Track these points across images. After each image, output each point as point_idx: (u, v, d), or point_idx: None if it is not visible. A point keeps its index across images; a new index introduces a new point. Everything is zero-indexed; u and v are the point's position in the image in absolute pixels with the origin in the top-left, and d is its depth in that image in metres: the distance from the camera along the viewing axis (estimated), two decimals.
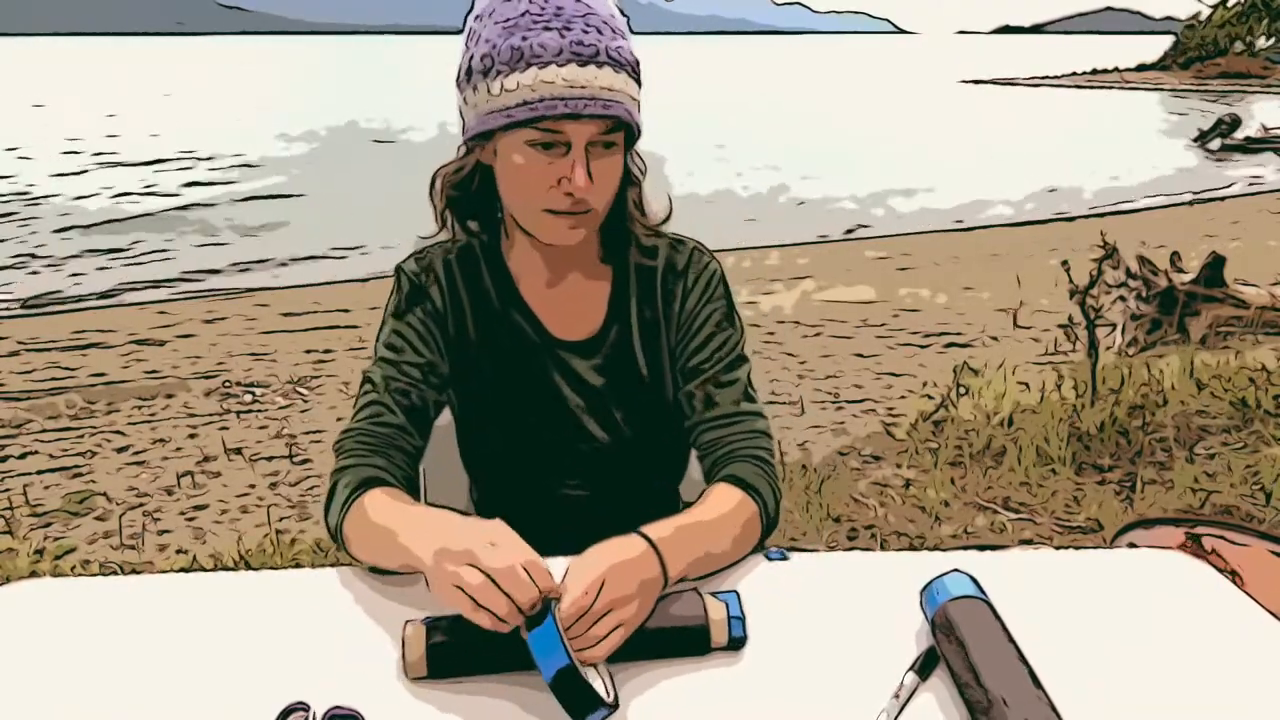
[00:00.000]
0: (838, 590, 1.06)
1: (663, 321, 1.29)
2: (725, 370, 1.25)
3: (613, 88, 1.08)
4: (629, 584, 0.92)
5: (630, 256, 1.27)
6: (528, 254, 1.26)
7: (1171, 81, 41.57)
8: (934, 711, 0.86)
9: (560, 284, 1.28)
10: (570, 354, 1.28)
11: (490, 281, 1.28)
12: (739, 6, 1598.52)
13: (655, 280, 1.28)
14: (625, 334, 1.28)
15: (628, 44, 1.12)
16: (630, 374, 1.29)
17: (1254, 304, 5.40)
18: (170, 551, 3.33)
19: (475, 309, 1.27)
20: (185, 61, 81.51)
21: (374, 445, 1.17)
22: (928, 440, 3.72)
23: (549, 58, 1.06)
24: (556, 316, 1.28)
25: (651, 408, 1.31)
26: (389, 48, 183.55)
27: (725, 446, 1.21)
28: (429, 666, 0.90)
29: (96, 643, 0.98)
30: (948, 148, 19.11)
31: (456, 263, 1.28)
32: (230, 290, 8.46)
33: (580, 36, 1.06)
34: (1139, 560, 1.29)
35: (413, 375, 1.21)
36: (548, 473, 1.33)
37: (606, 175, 1.13)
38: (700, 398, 1.25)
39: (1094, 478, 3.30)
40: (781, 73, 61.11)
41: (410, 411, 1.20)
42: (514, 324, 1.28)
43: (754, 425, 1.23)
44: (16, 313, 7.69)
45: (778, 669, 0.92)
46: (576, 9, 1.08)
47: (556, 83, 1.06)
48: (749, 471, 1.18)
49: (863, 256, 9.32)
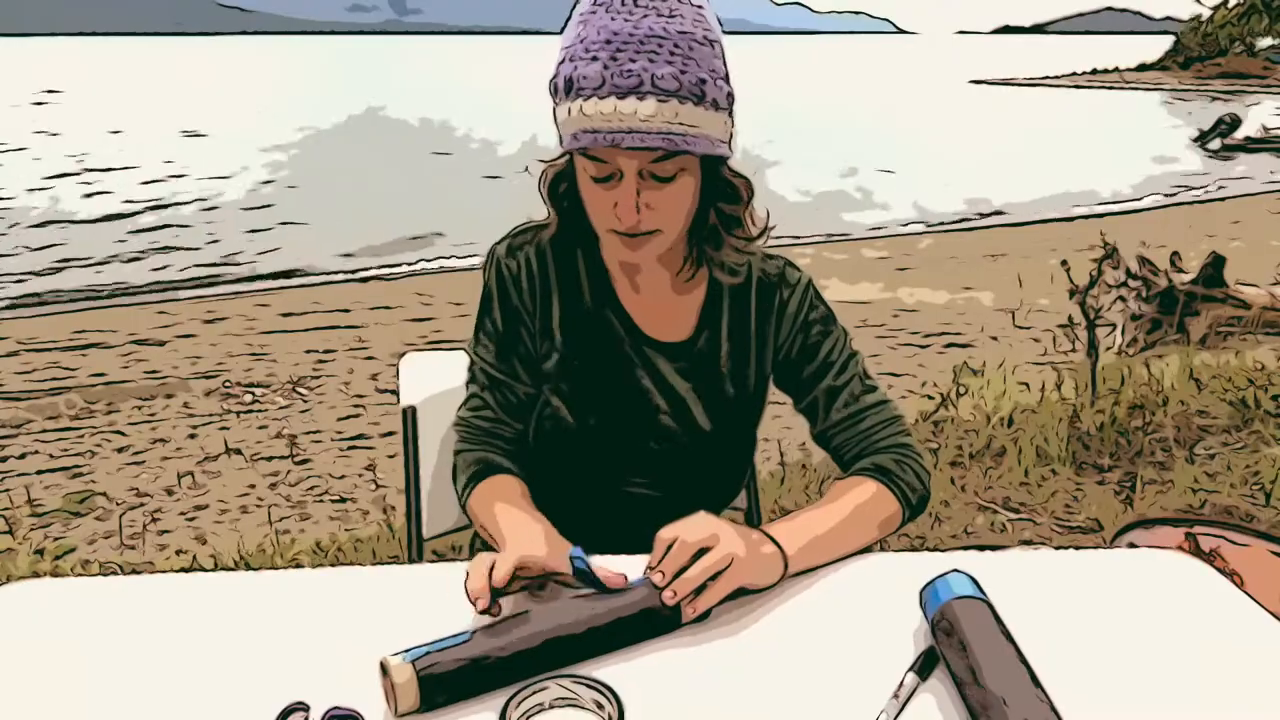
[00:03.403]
0: (838, 590, 1.06)
1: (754, 335, 1.31)
2: (840, 371, 1.29)
3: (654, 117, 1.06)
4: (736, 544, 0.99)
5: (718, 272, 1.28)
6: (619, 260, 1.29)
7: (1171, 81, 41.56)
8: (934, 711, 0.86)
9: (652, 288, 1.29)
10: (658, 354, 1.30)
11: (585, 275, 1.29)
12: (738, 6, 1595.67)
13: (749, 294, 1.31)
14: (715, 342, 1.30)
15: (695, 64, 1.08)
16: (714, 380, 1.31)
17: (1254, 304, 5.41)
18: (170, 551, 3.33)
19: (565, 299, 1.29)
20: (185, 61, 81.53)
21: (479, 435, 1.29)
22: (928, 440, 3.72)
23: (590, 90, 1.06)
24: (648, 317, 1.30)
25: (728, 415, 1.33)
26: (390, 47, 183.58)
27: (858, 444, 1.27)
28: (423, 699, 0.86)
29: (96, 643, 0.98)
30: (953, 147, 19.11)
31: (551, 251, 1.29)
32: (230, 290, 8.46)
33: (626, 66, 1.05)
34: (1139, 560, 1.29)
35: (505, 370, 1.30)
36: (616, 469, 1.34)
37: (664, 200, 1.13)
38: (823, 403, 1.29)
39: (1094, 478, 3.30)
40: (784, 72, 61.09)
41: (504, 404, 1.30)
42: (605, 319, 1.29)
43: (880, 415, 1.28)
44: (16, 313, 7.69)
45: (778, 669, 0.92)
46: (631, 34, 1.06)
47: (595, 116, 1.06)
48: (882, 460, 1.23)
49: (863, 256, 9.33)
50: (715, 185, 1.20)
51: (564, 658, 0.91)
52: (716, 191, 1.21)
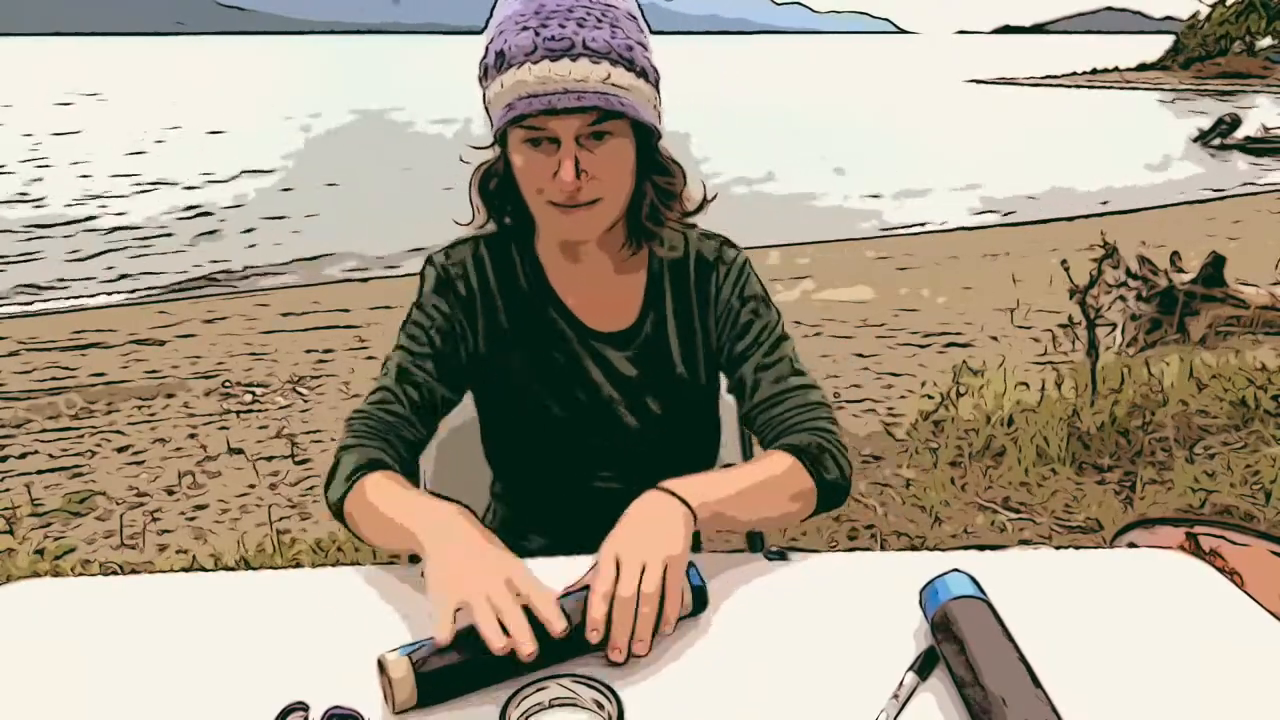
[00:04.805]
0: (838, 590, 1.06)
1: (696, 312, 1.31)
2: (770, 351, 1.27)
3: (588, 78, 1.07)
4: (638, 550, 0.95)
5: (658, 248, 1.28)
6: (557, 248, 1.28)
7: (1171, 81, 41.56)
8: (934, 711, 0.86)
9: (592, 277, 1.29)
10: (604, 345, 1.29)
11: (523, 274, 1.29)
12: (738, 6, 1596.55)
13: (688, 272, 1.30)
14: (660, 325, 1.30)
15: (622, 33, 1.10)
16: (664, 365, 1.30)
17: (1254, 304, 5.41)
18: (170, 551, 3.32)
19: (507, 301, 1.29)
20: (185, 61, 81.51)
21: (379, 430, 1.20)
22: (928, 440, 3.72)
23: (522, 57, 1.07)
24: (590, 308, 1.29)
25: (684, 398, 1.33)
26: (390, 47, 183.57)
27: (781, 423, 1.23)
28: (419, 695, 0.86)
29: (96, 643, 0.98)
30: (953, 147, 19.10)
31: (488, 255, 1.29)
32: (230, 290, 8.46)
33: (555, 32, 1.07)
34: (1139, 560, 1.29)
35: (426, 368, 1.24)
36: (579, 465, 1.34)
37: (604, 165, 1.13)
38: (750, 382, 1.27)
39: (1094, 477, 3.30)
40: (784, 72, 61.08)
41: (417, 404, 1.23)
42: (546, 316, 1.29)
43: (806, 398, 1.25)
44: (16, 313, 7.68)
45: (778, 669, 0.92)
46: (558, 5, 1.08)
47: (529, 80, 1.07)
48: (802, 439, 1.19)
49: (863, 256, 9.32)
50: (650, 160, 1.21)
51: (561, 654, 0.91)
52: (652, 166, 1.22)
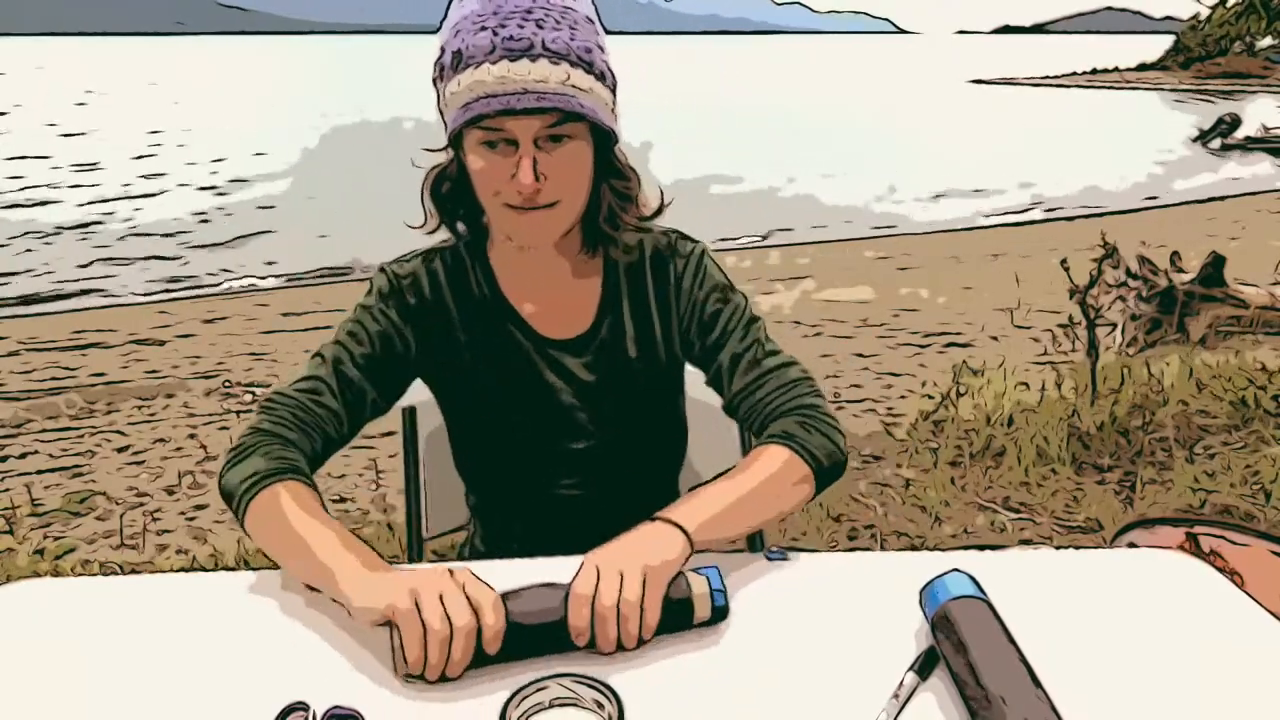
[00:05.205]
0: (838, 590, 1.06)
1: (656, 311, 1.28)
2: (742, 337, 1.25)
3: (547, 79, 1.06)
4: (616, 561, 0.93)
5: (615, 252, 1.26)
6: (512, 254, 1.26)
7: (1172, 81, 41.54)
8: (934, 711, 0.86)
9: (548, 283, 1.27)
10: (561, 352, 1.28)
11: (476, 283, 1.27)
12: (738, 5, 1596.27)
13: (644, 271, 1.28)
14: (618, 329, 1.28)
15: (581, 35, 1.09)
16: (623, 368, 1.28)
17: (1254, 304, 5.40)
18: (170, 551, 3.32)
19: (462, 312, 1.27)
20: (185, 61, 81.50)
21: (302, 422, 1.16)
22: (928, 440, 3.72)
23: (481, 57, 1.06)
24: (545, 315, 1.28)
25: (645, 401, 1.31)
26: (390, 47, 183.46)
27: (765, 408, 1.20)
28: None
29: (96, 643, 0.98)
30: (952, 147, 19.10)
31: (442, 266, 1.27)
32: (230, 290, 8.46)
33: (514, 32, 1.06)
34: (1139, 560, 1.29)
35: (362, 366, 1.21)
36: (543, 473, 1.32)
37: (561, 167, 1.12)
38: (727, 372, 1.24)
39: (1094, 477, 3.30)
40: (784, 72, 61.07)
41: (348, 401, 1.20)
42: (501, 326, 1.27)
43: (785, 376, 1.22)
44: (16, 313, 7.68)
45: (778, 669, 0.92)
46: (517, 6, 1.07)
47: (488, 80, 1.06)
48: (788, 425, 1.16)
49: (863, 256, 9.32)
50: (607, 164, 1.20)
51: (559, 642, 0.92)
52: (609, 170, 1.21)
